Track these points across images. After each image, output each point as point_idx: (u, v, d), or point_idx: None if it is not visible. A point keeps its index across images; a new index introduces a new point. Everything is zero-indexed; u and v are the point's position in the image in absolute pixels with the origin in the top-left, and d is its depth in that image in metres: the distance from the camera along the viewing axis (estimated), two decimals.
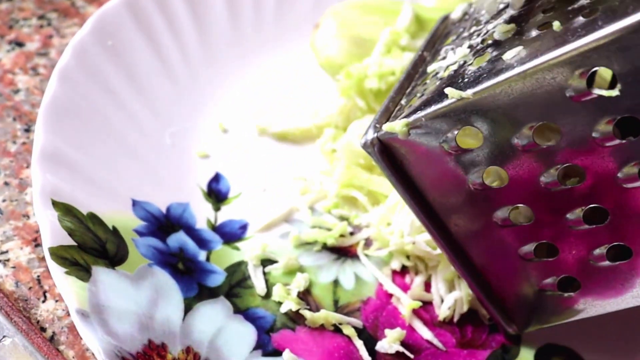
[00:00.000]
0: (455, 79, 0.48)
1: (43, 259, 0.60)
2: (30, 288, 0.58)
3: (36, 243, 0.61)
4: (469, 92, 0.45)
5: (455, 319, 0.60)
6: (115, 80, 0.68)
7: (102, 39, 0.70)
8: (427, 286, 0.62)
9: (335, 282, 0.62)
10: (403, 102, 0.53)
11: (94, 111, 0.65)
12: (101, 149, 0.63)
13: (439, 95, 0.48)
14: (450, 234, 0.53)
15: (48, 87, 0.63)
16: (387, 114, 0.53)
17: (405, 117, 0.49)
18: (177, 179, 0.66)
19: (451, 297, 0.60)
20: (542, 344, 0.60)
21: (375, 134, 0.51)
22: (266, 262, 0.62)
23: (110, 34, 0.71)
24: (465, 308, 0.60)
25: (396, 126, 0.49)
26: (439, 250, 0.59)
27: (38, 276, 0.59)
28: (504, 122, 0.46)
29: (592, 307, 0.52)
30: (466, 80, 0.47)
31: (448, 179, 0.50)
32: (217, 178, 0.67)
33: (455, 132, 0.47)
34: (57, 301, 0.58)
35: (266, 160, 0.70)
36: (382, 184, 0.66)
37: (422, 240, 0.60)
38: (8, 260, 0.60)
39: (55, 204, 0.56)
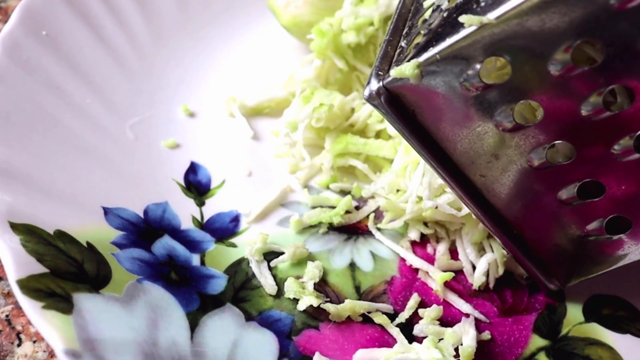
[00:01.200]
0: (469, 5, 0.41)
1: (9, 294, 0.50)
2: (0, 332, 0.48)
3: None
4: (490, 17, 0.38)
5: (491, 285, 0.53)
6: (57, 74, 0.59)
7: (34, 29, 0.60)
8: (453, 253, 0.55)
9: (352, 266, 0.54)
10: (403, 44, 0.46)
11: (40, 112, 0.55)
12: (56, 155, 0.54)
13: (452, 26, 0.41)
14: (475, 188, 0.47)
15: None
16: (388, 60, 0.46)
17: (413, 57, 0.42)
18: (148, 176, 0.57)
19: (484, 261, 0.53)
20: (587, 297, 0.54)
21: (381, 83, 0.43)
22: (269, 255, 0.53)
23: (43, 23, 0.61)
24: (500, 271, 0.54)
25: (406, 69, 0.42)
26: (464, 212, 0.52)
27: (7, 316, 0.49)
28: (535, 46, 0.38)
29: (637, 250, 0.46)
30: (483, 4, 0.39)
31: (471, 124, 0.43)
32: (193, 169, 0.58)
33: (478, 67, 0.40)
34: (34, 342, 0.48)
35: (243, 140, 0.62)
36: (382, 147, 0.58)
37: (444, 202, 0.52)
38: None
39: (14, 226, 0.46)
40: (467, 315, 0.51)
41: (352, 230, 0.56)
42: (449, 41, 0.40)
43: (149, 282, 0.48)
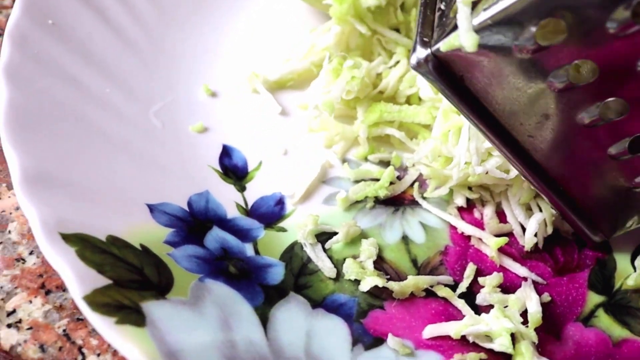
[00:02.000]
0: None
1: (62, 307, 0.48)
2: (60, 349, 0.47)
3: (45, 289, 0.49)
4: None
5: (541, 245, 0.53)
6: (71, 65, 0.56)
7: (39, 19, 0.56)
8: (500, 216, 0.55)
9: (405, 239, 0.53)
10: (442, 6, 0.44)
11: (62, 110, 0.53)
12: (88, 154, 0.51)
13: None
14: (523, 149, 0.46)
15: None
16: (429, 24, 0.44)
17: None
18: (183, 165, 0.55)
19: (533, 221, 0.53)
20: (634, 246, 0.54)
21: (428, 50, 0.42)
22: (321, 236, 0.52)
23: (47, 11, 0.57)
24: (549, 230, 0.53)
25: (464, 39, 0.40)
26: (512, 174, 0.51)
27: (64, 330, 0.48)
28: (595, 3, 0.37)
29: None
30: None
31: (523, 86, 0.42)
32: (227, 152, 0.56)
33: (534, 29, 0.39)
34: (99, 355, 0.47)
35: (272, 116, 0.60)
36: (418, 113, 0.57)
37: (493, 166, 0.51)
38: (20, 321, 0.48)
39: (66, 238, 0.44)
40: (525, 279, 0.51)
41: (399, 202, 0.55)
42: (501, 4, 0.39)
43: (210, 279, 0.47)
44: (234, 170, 0.55)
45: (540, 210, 0.53)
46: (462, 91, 0.44)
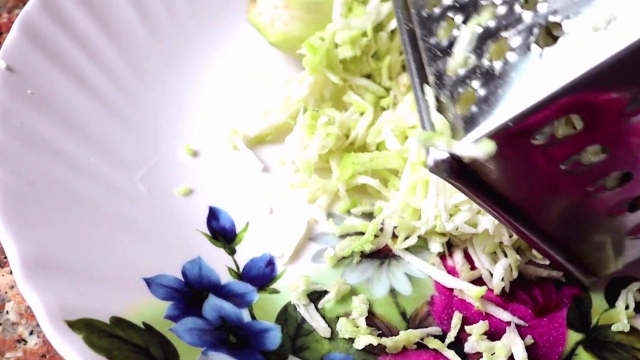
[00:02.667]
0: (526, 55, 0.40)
1: None
2: None
3: None
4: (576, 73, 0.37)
5: (507, 289, 0.56)
6: (55, 136, 0.57)
7: (18, 91, 0.57)
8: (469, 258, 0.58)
9: (392, 292, 0.56)
10: (443, 98, 0.45)
11: (52, 186, 0.54)
12: (82, 231, 0.52)
13: (515, 85, 0.40)
14: (529, 219, 0.48)
15: None
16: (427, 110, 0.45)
17: (472, 122, 0.42)
18: (172, 231, 0.56)
19: (499, 268, 0.55)
20: (606, 282, 0.58)
21: (446, 153, 0.42)
22: (313, 295, 0.54)
23: (25, 81, 0.58)
24: (515, 274, 0.56)
25: (481, 148, 0.40)
26: (481, 228, 0.54)
27: None
28: (615, 97, 0.39)
29: None
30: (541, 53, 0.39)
31: (536, 173, 0.44)
32: (214, 214, 0.58)
33: (555, 124, 0.41)
34: None
35: (254, 174, 0.61)
36: (388, 160, 0.59)
37: (462, 222, 0.54)
38: None
39: (72, 325, 0.45)
40: (509, 323, 0.54)
41: (384, 254, 0.57)
42: (523, 105, 0.39)
43: (213, 351, 0.48)
44: (222, 233, 0.57)
45: (506, 256, 0.56)
46: (475, 184, 0.44)
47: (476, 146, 0.40)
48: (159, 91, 0.65)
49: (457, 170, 0.42)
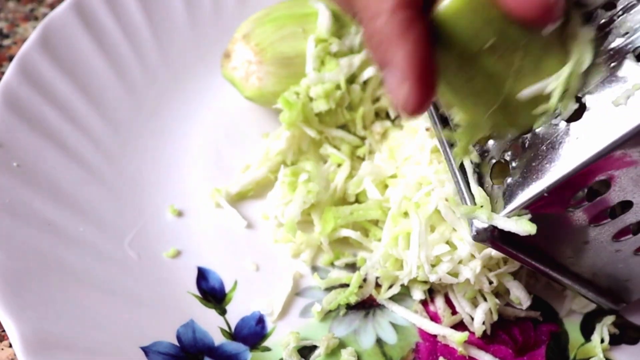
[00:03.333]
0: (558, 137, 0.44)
1: None
2: None
3: None
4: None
5: (488, 331, 0.58)
6: (43, 209, 0.59)
7: (5, 164, 0.59)
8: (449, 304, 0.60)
9: (379, 342, 0.58)
10: (478, 169, 0.50)
11: (43, 260, 0.56)
12: (77, 304, 0.54)
13: (552, 159, 0.44)
14: (561, 265, 0.52)
15: None
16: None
17: (511, 195, 0.46)
18: (164, 296, 0.58)
19: (480, 312, 0.58)
20: (581, 317, 0.60)
21: (488, 224, 0.47)
22: (303, 350, 0.56)
23: (11, 153, 0.60)
24: (495, 317, 0.58)
25: (522, 227, 0.46)
26: (462, 278, 0.57)
27: None
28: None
29: None
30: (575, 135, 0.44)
31: (568, 227, 0.49)
32: (203, 275, 0.60)
33: (586, 189, 0.45)
34: None
35: (239, 231, 0.63)
36: (369, 211, 0.61)
37: (444, 272, 0.56)
38: None
39: None
40: None
41: (368, 304, 0.60)
42: (556, 175, 0.44)
43: None
44: (212, 294, 0.59)
45: (485, 300, 0.58)
46: (514, 245, 0.48)
47: (517, 224, 0.45)
48: (140, 153, 0.66)
49: (498, 237, 0.47)
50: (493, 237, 0.47)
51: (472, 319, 0.58)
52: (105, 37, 0.71)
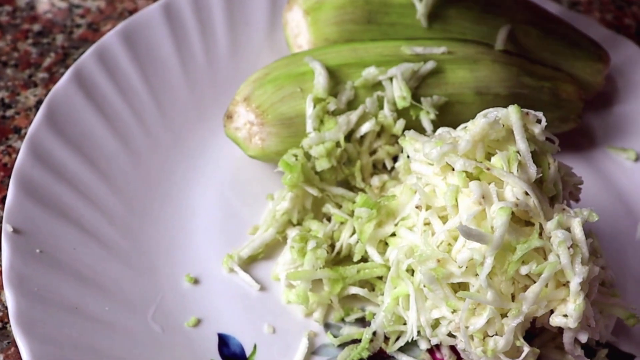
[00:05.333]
0: None
1: None
2: None
3: None
4: None
5: None
6: (70, 293, 0.62)
7: (29, 252, 0.62)
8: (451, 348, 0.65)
9: None
10: None
11: (74, 344, 0.59)
12: None
13: None
14: None
15: None
16: None
17: None
18: None
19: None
20: None
21: None
22: None
23: (34, 241, 0.63)
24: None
25: None
26: (461, 336, 0.61)
27: None
28: None
29: None
30: None
31: None
32: (224, 341, 0.64)
33: None
34: None
35: (253, 294, 0.67)
36: (374, 269, 0.65)
37: (445, 334, 0.61)
38: None
39: None
40: None
41: (380, 357, 0.64)
42: None
43: None
44: (234, 359, 0.63)
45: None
46: None
47: None
48: (152, 223, 0.70)
49: None
50: None
51: None
52: (107, 107, 0.74)
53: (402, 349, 0.65)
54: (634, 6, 1.03)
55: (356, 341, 0.65)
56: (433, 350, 0.65)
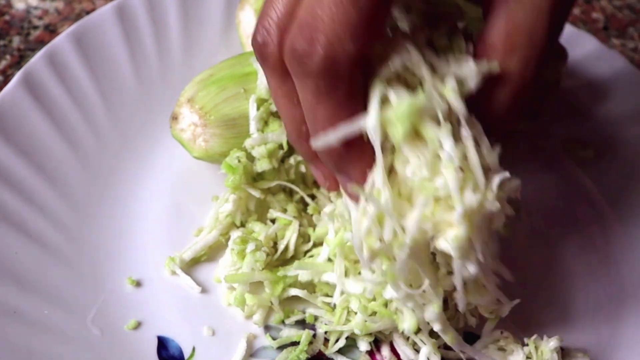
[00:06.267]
0: None
1: None
2: None
3: None
4: None
5: None
6: (7, 296, 0.62)
7: None
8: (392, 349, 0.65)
9: None
10: None
11: (12, 349, 0.60)
12: None
13: None
14: None
15: None
16: None
17: None
18: None
19: (423, 355, 0.63)
20: None
21: None
22: None
23: None
24: (438, 359, 0.63)
25: None
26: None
27: None
28: None
29: None
30: None
31: None
32: (162, 344, 0.64)
33: None
34: None
35: (195, 296, 0.67)
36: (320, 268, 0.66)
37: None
38: None
39: None
40: None
41: (319, 359, 0.64)
42: None
43: None
44: None
45: (425, 344, 0.63)
46: None
47: None
48: (98, 226, 0.70)
49: None
50: None
51: None
52: (56, 110, 0.74)
53: (341, 351, 0.65)
54: (602, 0, 1.02)
55: (295, 343, 0.65)
56: (373, 351, 0.65)
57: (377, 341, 0.66)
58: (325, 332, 0.65)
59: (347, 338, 0.65)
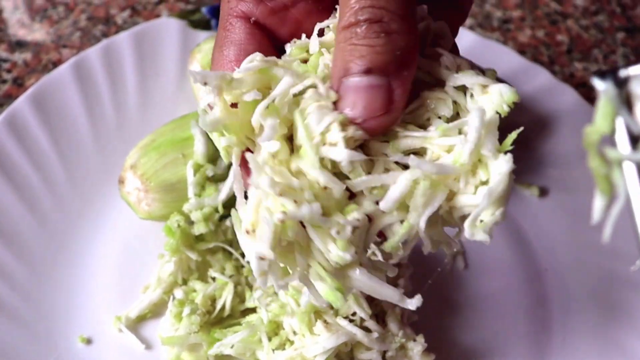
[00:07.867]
0: None
1: None
2: None
3: None
4: None
5: None
6: None
7: None
8: None
9: None
10: None
11: None
12: None
13: None
14: None
15: None
16: None
17: None
18: None
19: None
20: None
21: None
22: None
23: None
24: None
25: None
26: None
27: None
28: None
29: None
30: None
31: None
32: None
33: None
34: None
35: (140, 352, 0.73)
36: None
37: None
38: None
39: None
40: None
41: None
42: None
43: None
44: None
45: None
46: None
47: None
48: (53, 286, 0.75)
49: None
50: None
51: None
52: (15, 173, 0.79)
53: None
54: (569, 20, 1.01)
55: None
56: None
57: None
58: None
59: None
